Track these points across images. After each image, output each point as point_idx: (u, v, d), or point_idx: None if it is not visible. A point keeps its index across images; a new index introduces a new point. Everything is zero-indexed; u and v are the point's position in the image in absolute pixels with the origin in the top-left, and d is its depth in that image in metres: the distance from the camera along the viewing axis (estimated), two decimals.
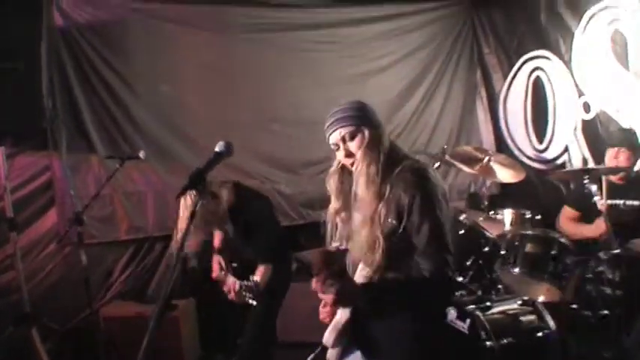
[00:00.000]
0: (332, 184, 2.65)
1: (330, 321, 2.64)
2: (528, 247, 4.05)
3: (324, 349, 2.71)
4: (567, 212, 4.67)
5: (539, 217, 5.14)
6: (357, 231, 2.48)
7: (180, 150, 5.75)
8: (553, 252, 3.98)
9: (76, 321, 5.27)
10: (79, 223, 4.48)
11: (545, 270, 3.96)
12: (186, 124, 5.80)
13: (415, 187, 2.37)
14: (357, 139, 2.48)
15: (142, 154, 4.53)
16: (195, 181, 2.40)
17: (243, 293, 3.78)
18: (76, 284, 4.80)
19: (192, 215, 2.46)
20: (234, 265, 4.18)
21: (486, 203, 5.47)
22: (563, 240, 4.00)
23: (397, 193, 2.39)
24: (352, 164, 2.52)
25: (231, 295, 3.85)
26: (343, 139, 2.51)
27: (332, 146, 2.59)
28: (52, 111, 5.24)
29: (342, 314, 2.56)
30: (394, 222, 2.37)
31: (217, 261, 4.28)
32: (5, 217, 4.51)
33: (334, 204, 2.65)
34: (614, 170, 4.28)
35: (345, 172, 2.60)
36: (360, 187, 2.45)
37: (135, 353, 4.59)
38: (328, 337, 2.59)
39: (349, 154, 2.50)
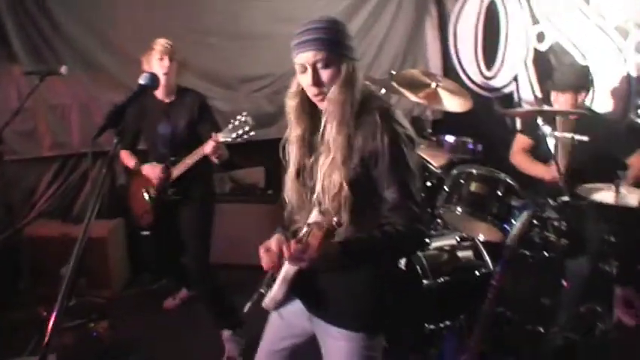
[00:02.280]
0: (292, 108, 2.29)
1: (272, 269, 2.33)
2: (473, 187, 3.88)
3: (261, 295, 2.45)
4: (521, 140, 4.51)
5: (480, 147, 5.07)
6: (323, 175, 2.15)
7: (107, 61, 5.40)
8: (499, 193, 3.84)
9: None
10: None
11: (490, 211, 3.80)
12: (115, 35, 5.40)
13: (384, 133, 2.08)
14: (332, 70, 2.12)
15: (63, 70, 4.13)
16: (115, 120, 2.05)
17: (239, 132, 3.70)
18: None
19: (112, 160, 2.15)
20: (173, 158, 4.05)
21: (429, 130, 5.36)
22: (510, 181, 3.84)
23: (363, 136, 2.11)
24: (317, 95, 2.17)
25: (213, 148, 3.79)
26: (314, 64, 2.12)
27: (296, 66, 2.19)
28: None
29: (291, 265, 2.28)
30: (358, 169, 2.11)
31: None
32: None
33: (295, 131, 2.29)
34: (567, 113, 4.11)
35: (305, 96, 2.23)
36: (332, 128, 2.12)
37: (57, 272, 4.45)
38: (278, 291, 2.33)
39: (318, 83, 2.13)
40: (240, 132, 3.70)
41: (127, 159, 4.30)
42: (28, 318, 4.35)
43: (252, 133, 3.72)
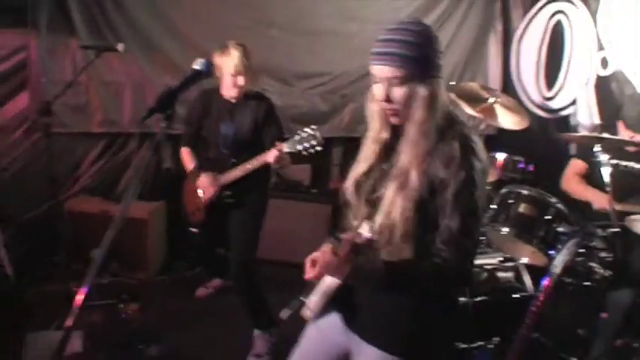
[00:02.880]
0: (372, 112, 2.15)
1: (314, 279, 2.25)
2: (522, 208, 3.76)
3: (301, 303, 2.32)
4: (575, 165, 4.37)
5: (532, 167, 4.95)
6: (389, 199, 2.05)
7: (166, 43, 5.42)
8: (547, 217, 3.72)
9: (38, 211, 5.07)
10: (47, 114, 4.16)
11: (536, 234, 3.69)
12: (179, 19, 5.41)
13: (460, 165, 1.96)
14: (407, 89, 1.99)
15: (120, 47, 4.13)
16: (164, 104, 1.96)
17: (305, 145, 3.62)
18: (43, 174, 4.57)
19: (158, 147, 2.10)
20: (234, 160, 3.97)
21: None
22: (560, 206, 3.73)
23: (437, 162, 1.99)
24: (390, 111, 2.06)
25: (276, 158, 3.72)
26: (388, 80, 1.99)
27: (371, 75, 2.06)
28: None
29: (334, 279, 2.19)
30: (425, 194, 1.99)
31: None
32: None
33: (374, 133, 2.17)
34: (629, 143, 3.97)
35: None
36: (409, 155, 2.01)
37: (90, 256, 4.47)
38: (317, 302, 2.23)
39: (388, 100, 2.02)
40: (307, 145, 3.62)
41: (187, 160, 4.24)
42: (60, 292, 4.33)
43: (318, 149, 3.63)
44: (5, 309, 4.05)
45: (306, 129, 3.63)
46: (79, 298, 1.72)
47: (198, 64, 2.18)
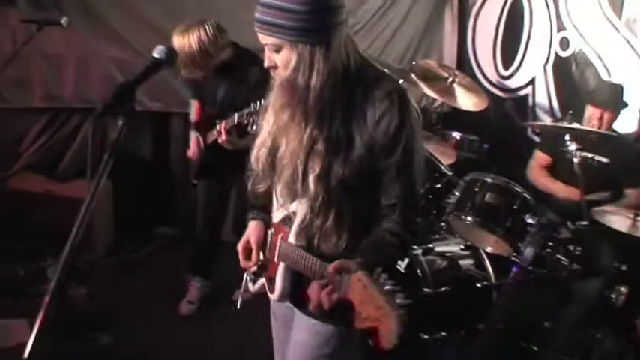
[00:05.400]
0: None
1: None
2: (488, 197, 3.72)
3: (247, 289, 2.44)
4: (540, 158, 4.33)
5: (486, 146, 4.95)
6: (287, 163, 2.01)
7: (112, 15, 5.03)
8: (514, 207, 3.68)
9: None
10: None
11: (502, 224, 3.65)
12: None
13: (398, 123, 1.89)
14: (284, 56, 1.88)
15: (64, 21, 3.89)
16: (123, 99, 1.72)
17: (250, 120, 3.45)
18: None
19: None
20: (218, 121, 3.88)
21: (438, 125, 5.25)
22: (527, 196, 3.69)
23: (369, 121, 1.91)
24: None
25: (223, 138, 3.73)
26: (267, 47, 1.90)
27: None
28: None
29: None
30: (362, 152, 1.93)
31: (196, 139, 4.17)
32: None
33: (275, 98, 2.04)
34: (596, 133, 3.94)
35: None
36: (274, 113, 2.00)
37: (39, 230, 4.31)
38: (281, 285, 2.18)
39: (270, 65, 1.95)
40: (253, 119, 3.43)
41: (195, 112, 4.31)
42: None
43: None
44: None
45: (253, 104, 3.42)
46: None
47: (157, 52, 1.91)
